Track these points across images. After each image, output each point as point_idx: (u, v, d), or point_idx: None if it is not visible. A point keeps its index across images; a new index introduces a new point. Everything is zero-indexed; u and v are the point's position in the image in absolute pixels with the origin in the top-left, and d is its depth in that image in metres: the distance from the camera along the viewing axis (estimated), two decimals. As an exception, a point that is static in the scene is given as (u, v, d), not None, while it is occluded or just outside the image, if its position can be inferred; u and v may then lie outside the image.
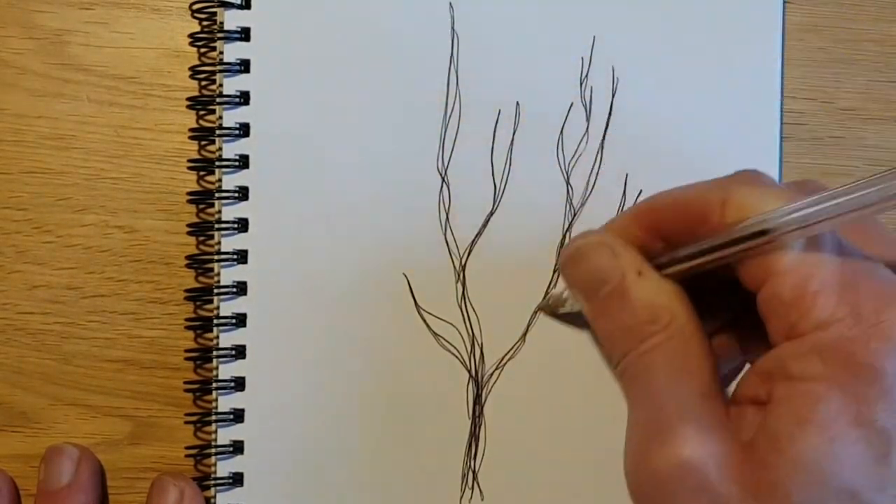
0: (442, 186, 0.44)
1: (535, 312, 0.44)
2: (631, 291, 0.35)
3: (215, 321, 0.43)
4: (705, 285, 0.36)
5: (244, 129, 0.43)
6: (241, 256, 0.43)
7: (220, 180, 0.43)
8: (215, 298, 0.43)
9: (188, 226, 0.44)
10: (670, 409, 0.34)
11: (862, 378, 0.31)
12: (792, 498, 0.31)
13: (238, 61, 0.43)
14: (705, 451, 0.33)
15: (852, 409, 0.30)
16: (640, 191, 0.45)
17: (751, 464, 0.32)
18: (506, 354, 0.44)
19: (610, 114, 0.45)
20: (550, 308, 0.42)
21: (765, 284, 0.32)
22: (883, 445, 0.31)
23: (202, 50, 0.44)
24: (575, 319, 0.40)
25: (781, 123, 0.46)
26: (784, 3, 0.46)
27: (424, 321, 0.44)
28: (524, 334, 0.44)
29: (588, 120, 0.45)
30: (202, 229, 0.44)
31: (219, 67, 0.43)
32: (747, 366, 0.38)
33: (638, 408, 0.35)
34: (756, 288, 0.33)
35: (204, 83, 0.44)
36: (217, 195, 0.43)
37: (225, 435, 0.43)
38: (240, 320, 0.43)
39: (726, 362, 0.37)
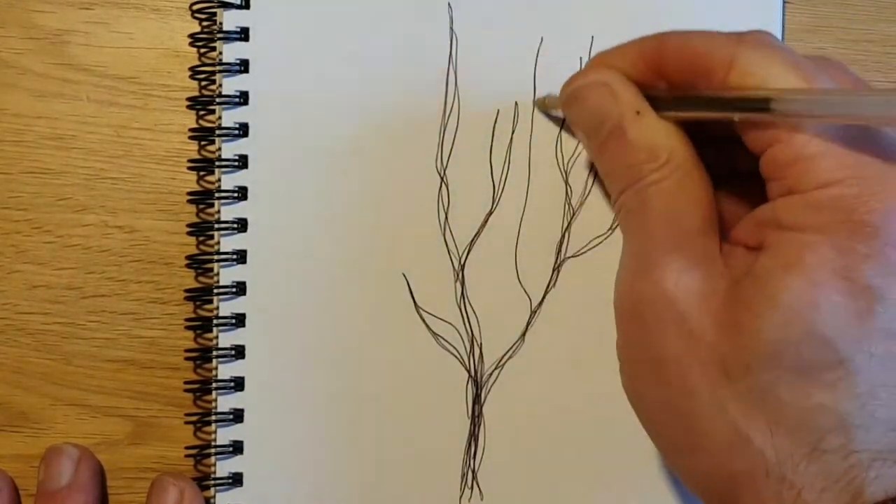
0: (441, 186, 0.44)
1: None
2: (629, 131, 0.35)
3: (215, 321, 0.43)
4: (710, 133, 0.36)
5: (243, 129, 0.43)
6: (241, 256, 0.43)
7: (219, 180, 0.44)
8: (215, 298, 0.43)
9: (188, 226, 0.44)
10: (661, 242, 0.34)
11: (856, 234, 0.30)
12: (762, 335, 0.31)
13: (237, 61, 0.43)
14: (688, 284, 0.33)
15: (840, 261, 0.30)
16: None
17: (731, 301, 0.32)
18: (505, 354, 0.44)
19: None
20: (548, 105, 0.41)
21: (767, 149, 0.32)
22: (867, 301, 0.30)
23: (202, 50, 0.44)
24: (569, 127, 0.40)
25: (781, 123, 0.46)
26: (784, 3, 0.46)
27: (424, 321, 0.44)
28: (524, 334, 0.44)
29: (587, 120, 0.45)
30: (202, 229, 0.44)
31: (218, 67, 0.43)
32: None
33: (631, 240, 0.36)
34: (759, 151, 0.33)
35: (203, 83, 0.44)
36: (217, 195, 0.43)
37: (225, 435, 0.43)
38: (239, 320, 0.43)
39: (728, 219, 0.36)
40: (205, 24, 0.44)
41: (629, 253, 0.36)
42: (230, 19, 0.43)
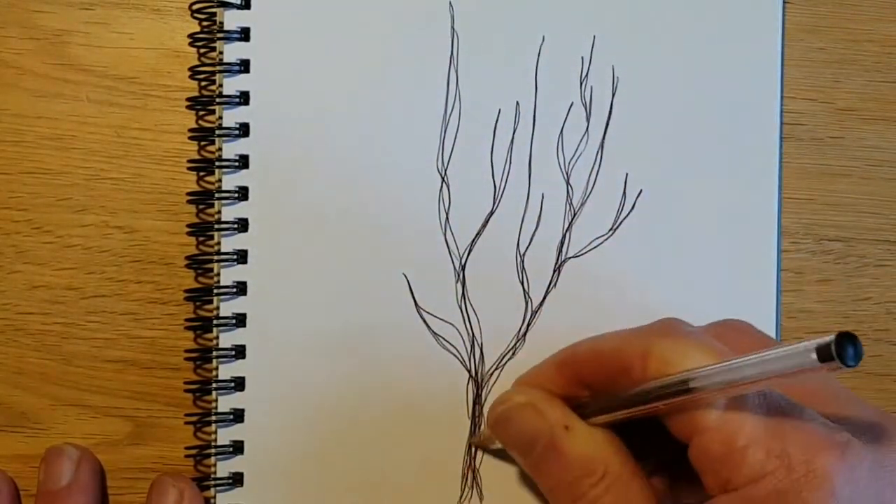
0: (442, 186, 0.44)
1: (469, 445, 0.44)
2: (562, 447, 0.35)
3: (215, 321, 0.43)
4: (637, 428, 0.36)
5: (244, 129, 0.43)
6: (241, 256, 0.43)
7: (219, 180, 0.44)
8: (215, 299, 0.43)
9: (188, 226, 0.44)
10: None
11: None
12: None
13: (238, 61, 0.43)
14: None
15: None
16: (640, 190, 0.45)
17: None
18: (505, 354, 0.44)
19: (610, 114, 0.45)
20: (483, 443, 0.42)
21: (693, 438, 0.32)
22: None
23: (202, 50, 0.44)
24: (508, 455, 0.41)
25: (781, 123, 0.46)
26: (784, 3, 0.46)
27: (424, 321, 0.44)
28: (524, 334, 0.44)
29: (588, 120, 0.45)
30: (202, 229, 0.44)
31: (219, 68, 0.43)
32: None
33: None
34: (686, 440, 0.33)
35: (203, 83, 0.44)
36: (217, 195, 0.43)
37: (225, 435, 0.43)
38: (239, 320, 0.43)
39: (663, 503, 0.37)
40: (205, 24, 0.44)
41: None
42: (231, 19, 0.43)
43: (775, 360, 0.29)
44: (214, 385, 0.43)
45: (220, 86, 0.44)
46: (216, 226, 0.43)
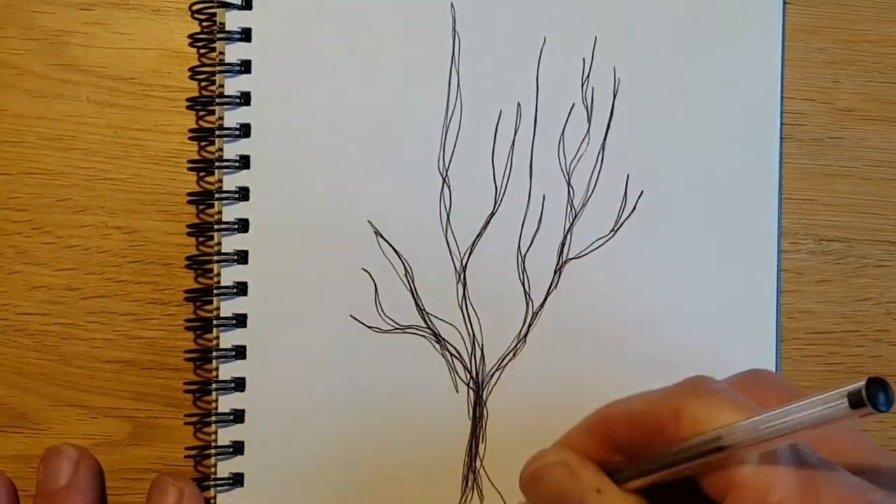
0: (443, 187, 0.44)
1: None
2: None
3: (215, 322, 0.43)
4: (670, 490, 0.36)
5: (245, 130, 0.43)
6: (242, 257, 0.43)
7: (220, 181, 0.43)
8: (215, 299, 0.43)
9: (188, 226, 0.44)
10: None
11: None
12: None
13: (239, 62, 0.43)
14: None
15: None
16: (641, 192, 0.45)
17: None
18: (506, 355, 0.44)
19: (611, 114, 0.45)
20: None
21: (728, 496, 0.33)
22: None
23: (202, 50, 0.44)
24: None
25: (781, 124, 0.46)
26: (784, 3, 0.46)
27: (425, 321, 0.44)
28: (524, 335, 0.44)
29: (589, 121, 0.45)
30: (202, 230, 0.44)
31: (219, 68, 0.43)
32: None
33: None
34: (720, 499, 0.33)
35: (204, 84, 0.44)
36: (217, 196, 0.43)
37: (225, 435, 0.43)
38: (240, 321, 0.43)
39: None
40: (205, 24, 0.44)
41: None
42: (232, 20, 0.43)
43: (805, 411, 0.29)
44: (214, 385, 0.43)
45: (221, 86, 0.44)
46: (216, 226, 0.43)
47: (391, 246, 0.44)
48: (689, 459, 0.33)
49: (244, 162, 0.43)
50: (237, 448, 0.43)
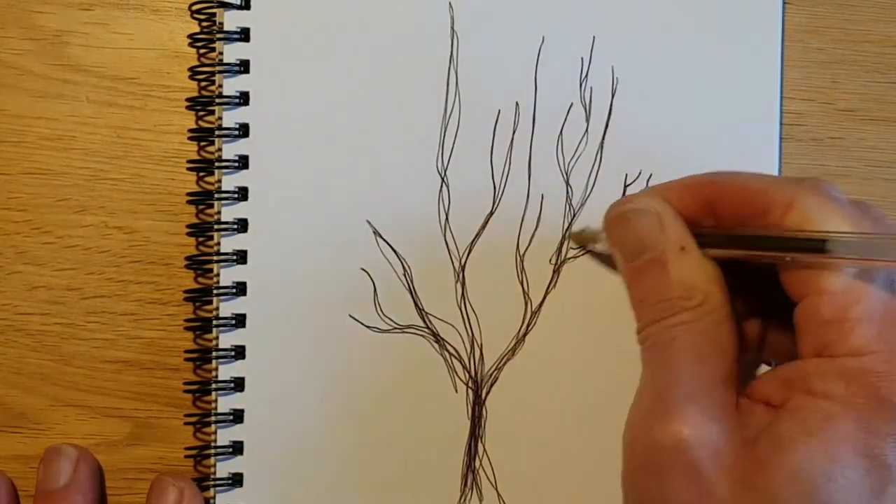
0: (442, 186, 0.44)
1: (566, 238, 0.44)
2: (670, 265, 0.35)
3: (215, 322, 0.43)
4: (743, 271, 0.36)
5: (244, 130, 0.43)
6: (241, 257, 0.43)
7: (219, 181, 0.44)
8: (215, 299, 0.43)
9: (188, 226, 0.44)
10: (682, 387, 0.34)
11: (881, 412, 0.31)
12: (776, 501, 0.31)
13: (238, 62, 0.43)
14: (705, 435, 0.33)
15: (862, 437, 0.31)
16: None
17: (747, 460, 0.32)
18: (505, 355, 0.44)
19: (610, 114, 0.45)
20: (583, 240, 0.42)
21: (807, 298, 0.32)
22: (883, 480, 0.31)
23: (201, 51, 0.44)
24: (604, 258, 0.40)
25: (780, 124, 0.46)
26: (783, 3, 0.46)
27: (424, 321, 0.44)
28: (524, 335, 0.44)
29: (588, 120, 0.45)
30: (202, 230, 0.44)
31: (218, 68, 0.43)
32: (763, 368, 0.38)
33: (652, 378, 0.36)
34: (797, 298, 0.33)
35: (203, 84, 0.44)
36: (216, 196, 0.43)
37: (224, 436, 0.43)
38: (239, 321, 0.43)
39: (742, 353, 0.37)
40: (204, 24, 0.44)
41: (648, 390, 0.36)
42: (231, 20, 0.43)
43: None
44: (214, 385, 0.43)
45: (220, 86, 0.44)
46: (216, 226, 0.43)
47: (390, 246, 0.44)
48: (785, 250, 0.33)
49: (243, 162, 0.43)
50: (237, 448, 0.43)
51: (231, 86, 0.43)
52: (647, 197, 0.37)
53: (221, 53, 0.44)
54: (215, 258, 0.43)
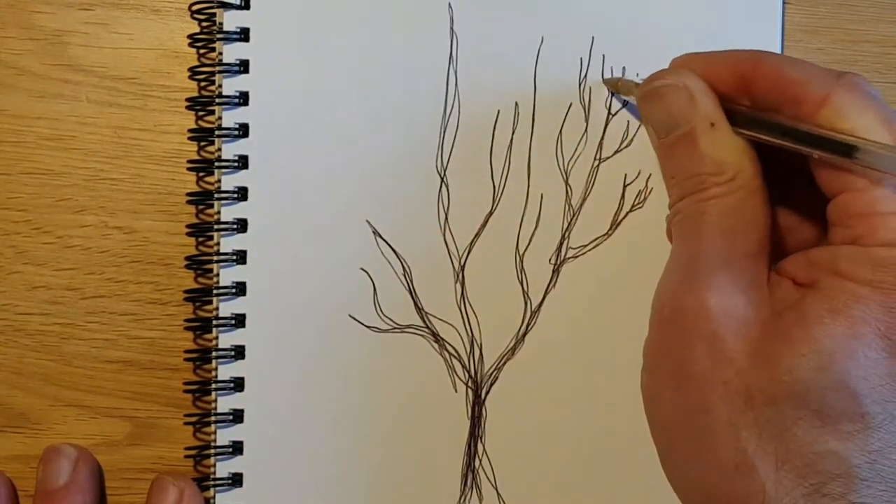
0: (441, 187, 0.44)
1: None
2: (701, 141, 0.35)
3: (214, 322, 0.43)
4: (774, 157, 0.36)
5: (243, 130, 0.43)
6: (241, 257, 0.43)
7: (219, 181, 0.44)
8: (214, 299, 0.43)
9: (187, 226, 0.44)
10: (712, 257, 0.34)
11: None
12: (794, 374, 0.31)
13: (237, 62, 0.43)
14: (731, 305, 0.33)
15: (886, 319, 0.31)
16: (639, 191, 0.45)
17: (771, 331, 0.32)
18: (505, 355, 0.44)
19: (608, 114, 0.45)
20: (618, 87, 0.41)
21: (840, 194, 0.33)
22: None
23: (201, 51, 0.44)
24: (634, 107, 0.40)
25: (780, 124, 0.46)
26: (783, 3, 0.46)
27: (423, 321, 0.44)
28: (523, 335, 0.44)
29: (587, 120, 0.45)
30: (201, 230, 0.44)
31: (218, 68, 0.43)
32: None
33: (683, 248, 0.36)
34: (829, 193, 0.33)
35: (203, 84, 0.44)
36: (216, 196, 0.43)
37: (224, 436, 0.43)
38: (239, 321, 0.43)
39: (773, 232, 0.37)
40: (204, 24, 0.44)
41: (677, 260, 0.37)
42: (230, 20, 0.43)
43: None
44: (214, 385, 0.43)
45: (220, 86, 0.44)
46: (215, 226, 0.43)
47: (389, 246, 0.44)
48: (815, 146, 0.33)
49: (243, 162, 0.43)
50: (236, 448, 0.43)
51: (231, 86, 0.43)
52: (679, 71, 0.37)
53: (221, 53, 0.44)
54: (215, 258, 0.43)
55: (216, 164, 0.43)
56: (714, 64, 0.37)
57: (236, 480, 0.43)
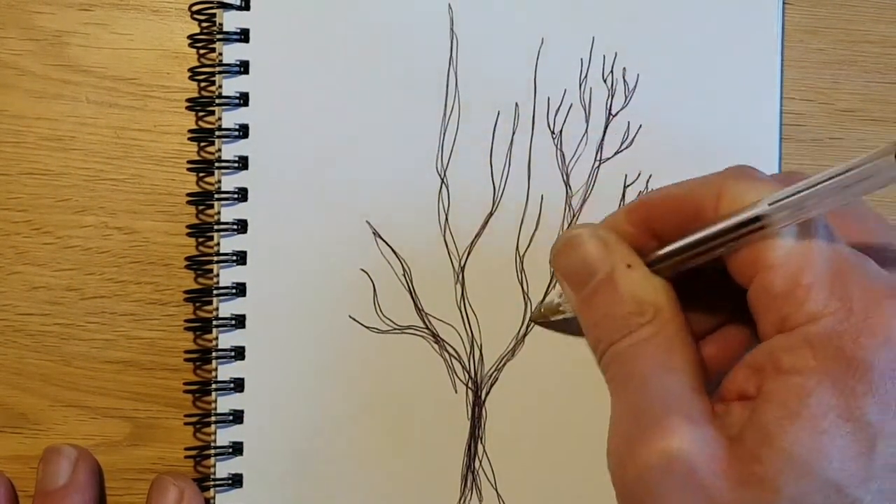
0: (441, 187, 0.44)
1: (529, 322, 0.44)
2: (619, 283, 0.35)
3: (214, 322, 0.43)
4: (697, 286, 0.36)
5: (243, 131, 0.43)
6: (241, 257, 0.43)
7: (219, 181, 0.44)
8: (214, 300, 0.43)
9: (187, 227, 0.44)
10: (657, 402, 0.34)
11: (851, 372, 0.31)
12: (781, 491, 0.31)
13: (237, 62, 0.43)
14: (693, 444, 0.33)
15: (841, 403, 0.31)
16: (640, 192, 0.45)
17: (739, 458, 0.32)
18: (505, 355, 0.44)
19: (609, 115, 0.45)
20: (543, 315, 0.42)
21: (756, 277, 0.33)
22: (868, 439, 0.31)
23: (201, 51, 0.44)
24: (568, 326, 0.40)
25: (780, 125, 0.46)
26: (783, 4, 0.46)
27: (423, 322, 0.44)
28: (523, 335, 0.44)
29: (587, 121, 0.45)
30: (201, 230, 0.44)
31: (218, 69, 0.43)
32: None
33: (623, 399, 0.35)
34: (747, 282, 0.33)
35: (203, 84, 0.44)
36: (216, 196, 0.43)
37: (224, 436, 0.43)
38: (239, 321, 0.43)
39: (718, 367, 0.37)
40: (204, 25, 0.44)
41: (622, 415, 0.35)
42: (230, 20, 0.43)
43: (844, 173, 0.30)
44: (214, 386, 0.43)
45: (220, 87, 0.44)
46: (215, 227, 0.43)
47: (389, 246, 0.44)
48: (724, 234, 0.33)
49: (243, 163, 0.43)
50: (236, 448, 0.43)
51: (231, 86, 0.43)
52: (589, 227, 0.37)
53: (221, 54, 0.44)
54: (215, 259, 0.43)
55: (216, 164, 0.43)
56: (614, 221, 0.37)
57: (236, 481, 0.43)
